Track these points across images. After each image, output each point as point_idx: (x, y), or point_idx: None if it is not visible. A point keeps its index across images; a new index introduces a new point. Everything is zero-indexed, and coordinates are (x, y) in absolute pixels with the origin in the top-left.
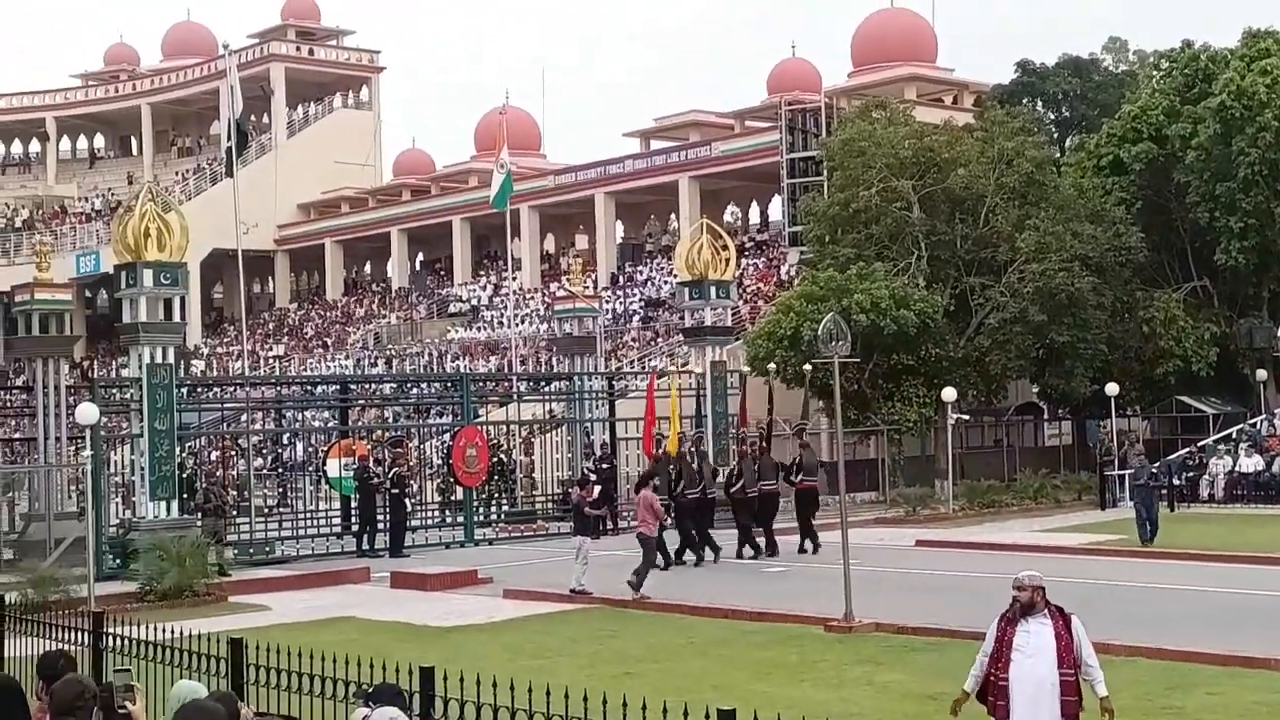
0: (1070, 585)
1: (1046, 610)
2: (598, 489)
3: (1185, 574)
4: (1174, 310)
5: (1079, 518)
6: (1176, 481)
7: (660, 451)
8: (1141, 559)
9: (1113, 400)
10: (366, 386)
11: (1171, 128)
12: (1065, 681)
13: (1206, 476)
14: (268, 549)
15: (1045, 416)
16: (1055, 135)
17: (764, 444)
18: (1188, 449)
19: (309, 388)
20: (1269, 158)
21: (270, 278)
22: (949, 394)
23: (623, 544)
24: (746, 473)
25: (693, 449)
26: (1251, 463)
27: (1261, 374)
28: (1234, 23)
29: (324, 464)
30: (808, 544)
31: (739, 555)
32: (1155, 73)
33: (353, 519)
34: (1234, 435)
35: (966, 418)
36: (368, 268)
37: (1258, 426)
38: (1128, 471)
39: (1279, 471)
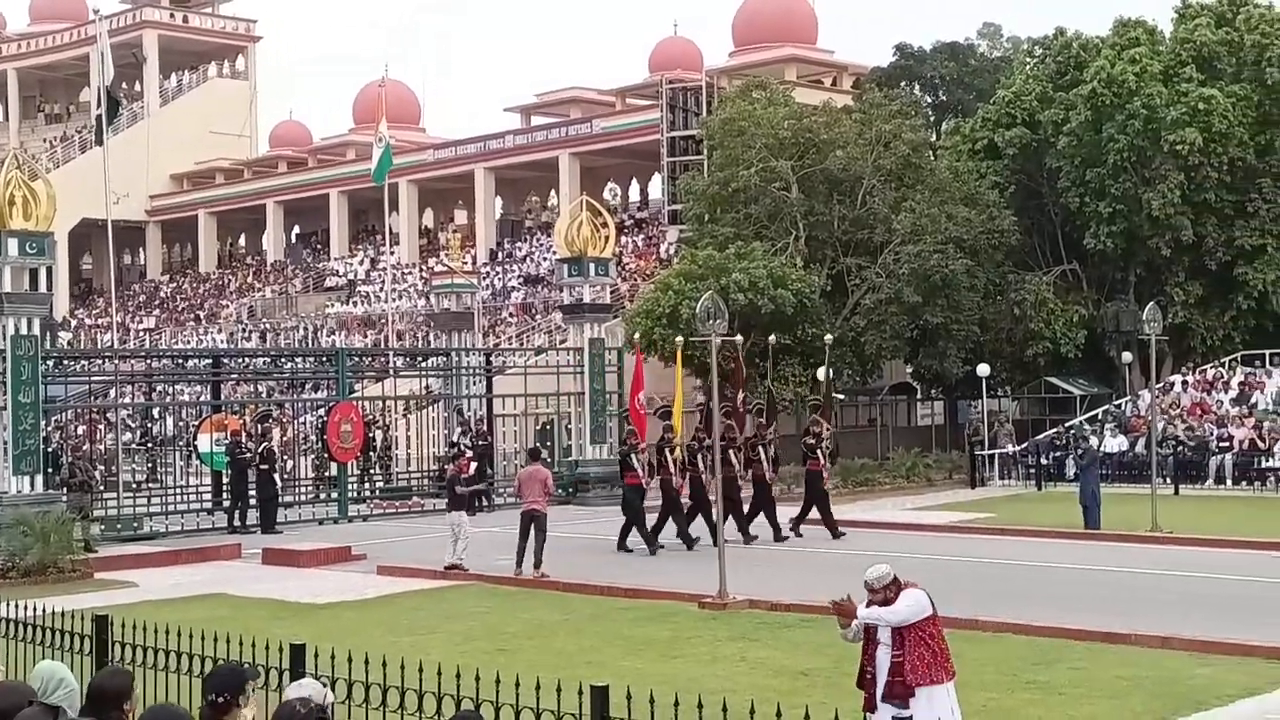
0: (939, 562)
1: (896, 599)
2: (473, 465)
3: (1051, 551)
4: (1044, 293)
5: (949, 496)
6: (1044, 461)
7: (666, 431)
8: (1011, 536)
9: (984, 381)
10: (240, 360)
11: (1044, 114)
12: (894, 662)
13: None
14: (136, 525)
15: (918, 396)
16: (931, 119)
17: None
18: (1056, 429)
19: (180, 361)
20: (1137, 145)
21: (142, 249)
22: (823, 373)
23: (498, 520)
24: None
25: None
26: (1116, 443)
27: (1127, 356)
28: (1105, 11)
29: (195, 439)
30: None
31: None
32: (1029, 59)
33: (224, 494)
34: (1100, 416)
35: (841, 397)
36: (242, 240)
37: (1123, 408)
38: (999, 450)
39: (1142, 452)
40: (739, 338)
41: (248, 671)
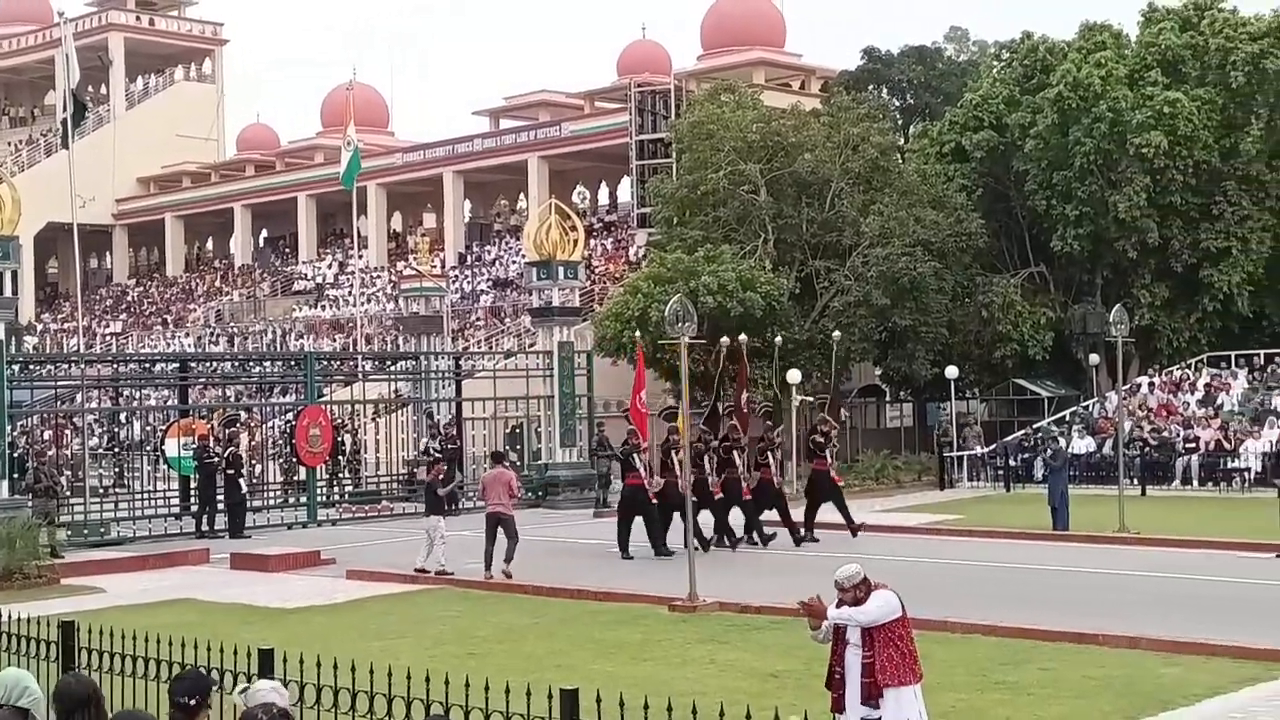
0: (908, 564)
1: (866, 599)
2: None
3: (1020, 552)
4: (1012, 295)
5: (918, 498)
6: (1013, 462)
7: (671, 433)
8: (979, 538)
9: (952, 383)
10: (207, 365)
11: (1011, 117)
12: (865, 664)
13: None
14: (103, 530)
15: (887, 398)
16: (899, 122)
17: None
18: (1024, 431)
19: (147, 365)
20: (1103, 148)
21: (108, 253)
22: (794, 376)
23: (466, 524)
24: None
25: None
26: (1084, 444)
27: (1094, 358)
28: (1071, 15)
29: (162, 443)
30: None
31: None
32: (996, 63)
33: (192, 499)
34: (1068, 418)
35: (810, 399)
36: (210, 244)
37: (1090, 409)
38: (968, 452)
39: (1110, 453)
40: (743, 338)
41: (210, 679)
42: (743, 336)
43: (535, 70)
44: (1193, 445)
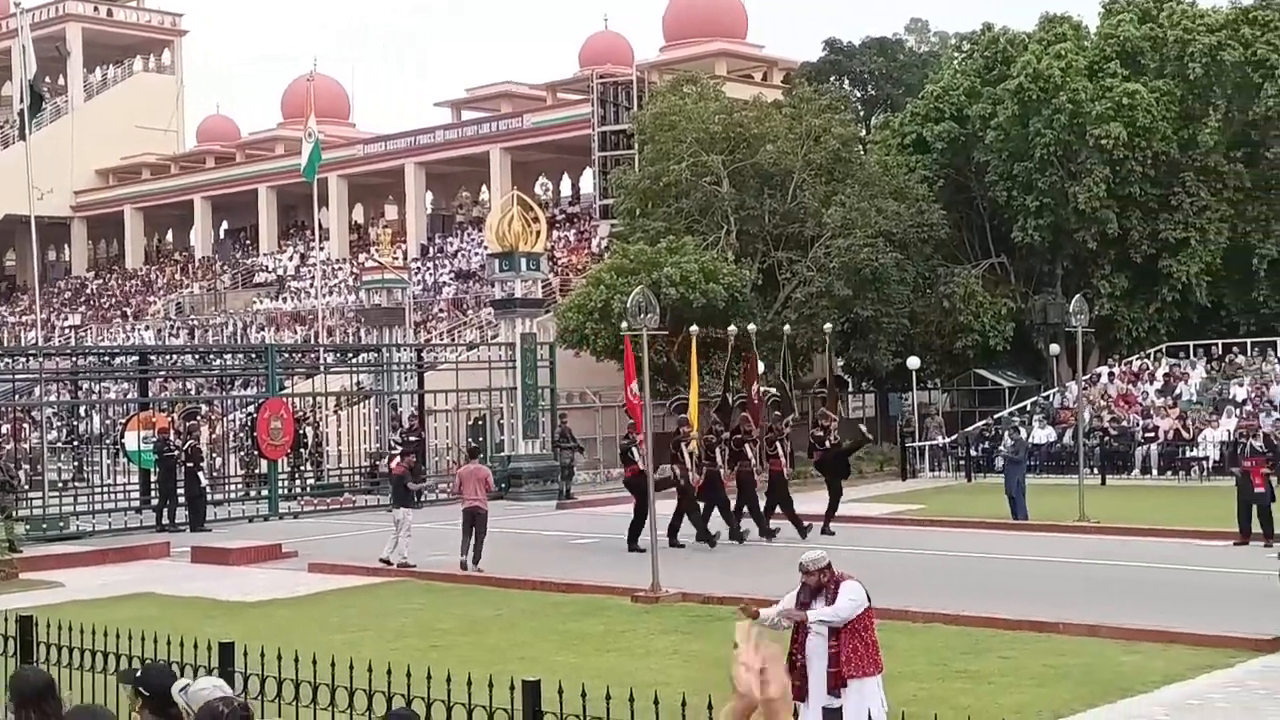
0: (871, 554)
1: (829, 587)
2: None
3: (981, 542)
4: (973, 286)
5: (881, 488)
6: (974, 452)
7: (682, 425)
8: (941, 528)
9: (914, 374)
10: (167, 358)
11: (972, 108)
12: (831, 653)
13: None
14: (62, 524)
15: (850, 389)
16: (861, 113)
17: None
18: (985, 421)
19: (107, 358)
20: (1063, 139)
21: (67, 245)
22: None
23: (429, 516)
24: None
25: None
26: (1044, 434)
27: (1055, 348)
28: (1031, 7)
29: (122, 437)
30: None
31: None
32: (957, 54)
33: (152, 493)
34: (1028, 407)
35: (773, 390)
36: (170, 236)
37: (1051, 399)
38: (929, 442)
39: (1070, 442)
40: (752, 327)
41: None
42: (752, 326)
43: (497, 63)
44: (1152, 435)
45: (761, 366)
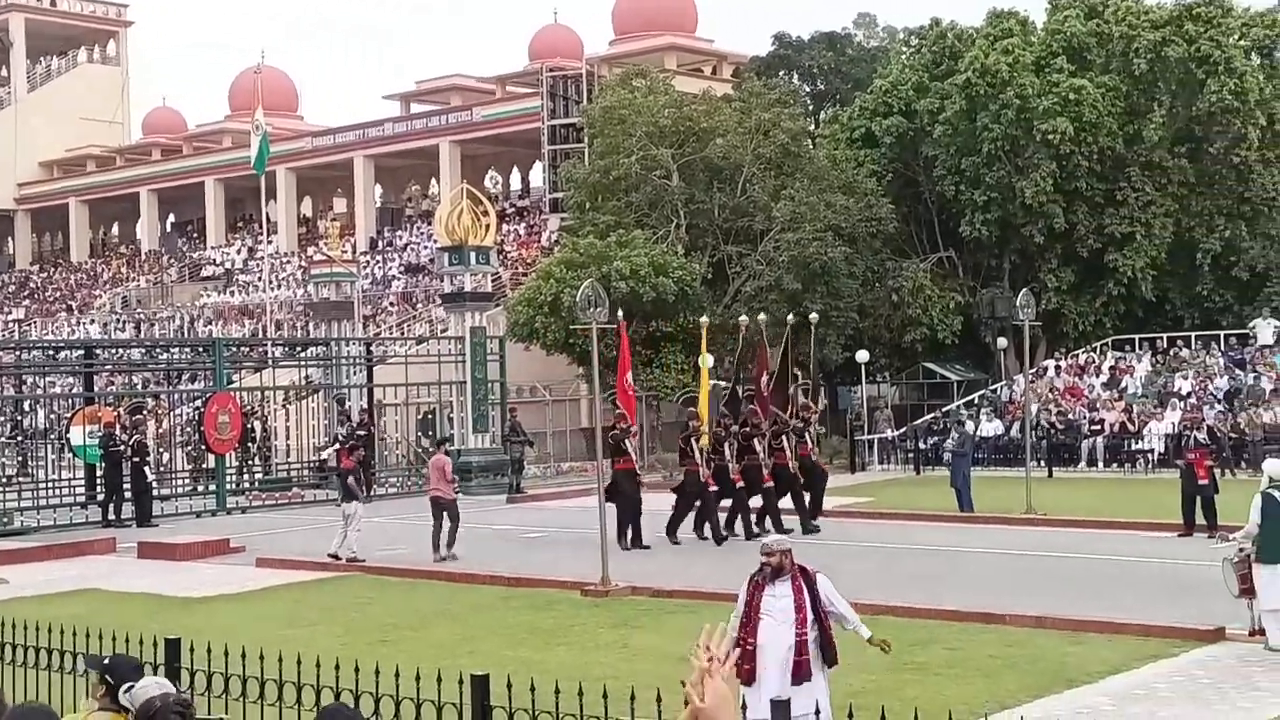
0: (820, 546)
1: (792, 573)
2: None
3: (929, 534)
4: (921, 280)
5: (830, 481)
6: (922, 446)
7: (691, 419)
8: (889, 520)
9: (863, 367)
10: (113, 351)
11: (920, 103)
12: (799, 642)
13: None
14: (6, 520)
15: (799, 383)
16: (810, 108)
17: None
18: (933, 414)
19: (51, 352)
20: (1010, 134)
21: (10, 238)
22: (706, 360)
23: (378, 510)
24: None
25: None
26: (992, 427)
27: (1002, 342)
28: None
29: (67, 431)
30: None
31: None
32: (905, 49)
33: (98, 488)
34: (976, 401)
35: (723, 384)
36: (115, 229)
37: (998, 392)
38: (878, 436)
39: (1017, 435)
40: (763, 317)
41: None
42: (762, 316)
43: (447, 55)
44: (1098, 427)
45: (711, 360)
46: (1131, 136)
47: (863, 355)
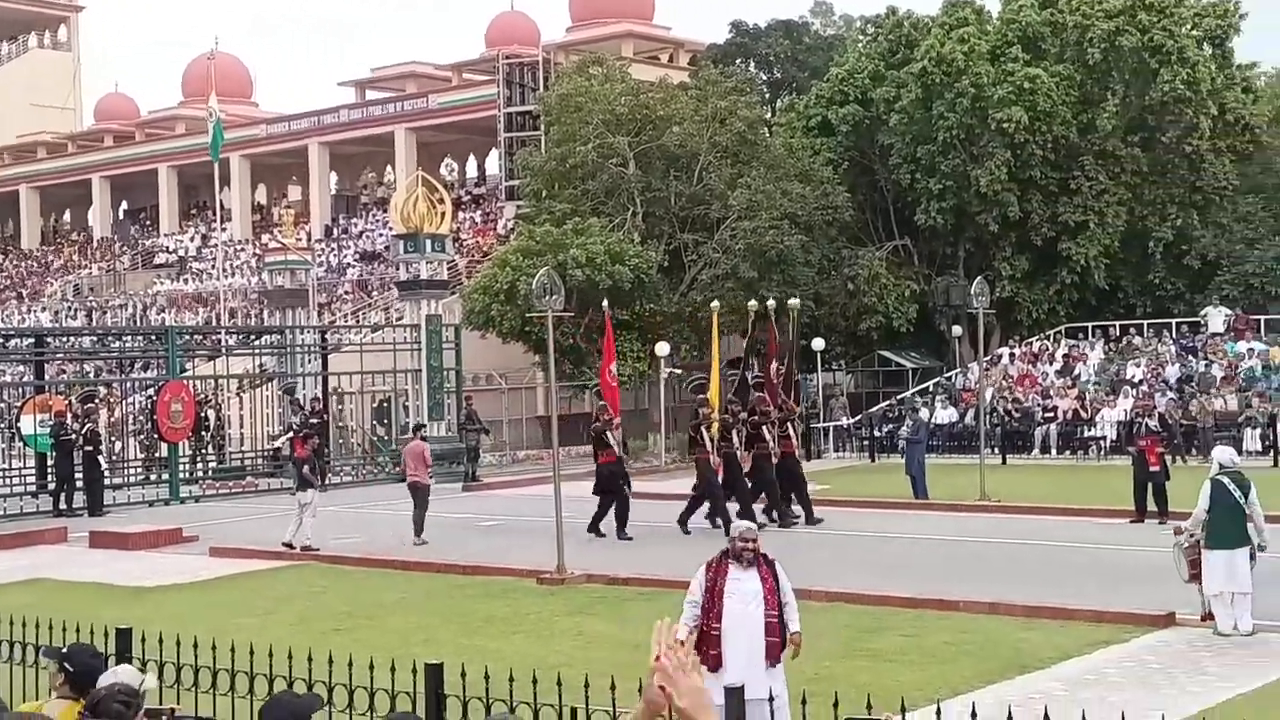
0: (773, 534)
1: (758, 559)
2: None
3: (883, 521)
4: (877, 268)
5: None
6: (878, 433)
7: (702, 405)
8: (844, 508)
9: (819, 355)
10: (64, 340)
11: (876, 91)
12: (770, 624)
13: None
14: None
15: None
16: (767, 96)
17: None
18: (889, 402)
19: (1, 340)
20: (965, 123)
21: None
22: (662, 348)
23: (332, 500)
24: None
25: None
26: (947, 414)
27: (957, 330)
28: None
29: (17, 420)
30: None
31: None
32: (861, 37)
33: (49, 477)
34: (931, 388)
35: (679, 372)
36: (67, 216)
37: (953, 380)
38: (834, 423)
39: (972, 423)
40: (795, 302)
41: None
42: (771, 301)
43: (402, 42)
44: (1051, 415)
45: (667, 348)
46: (1085, 126)
47: (818, 343)
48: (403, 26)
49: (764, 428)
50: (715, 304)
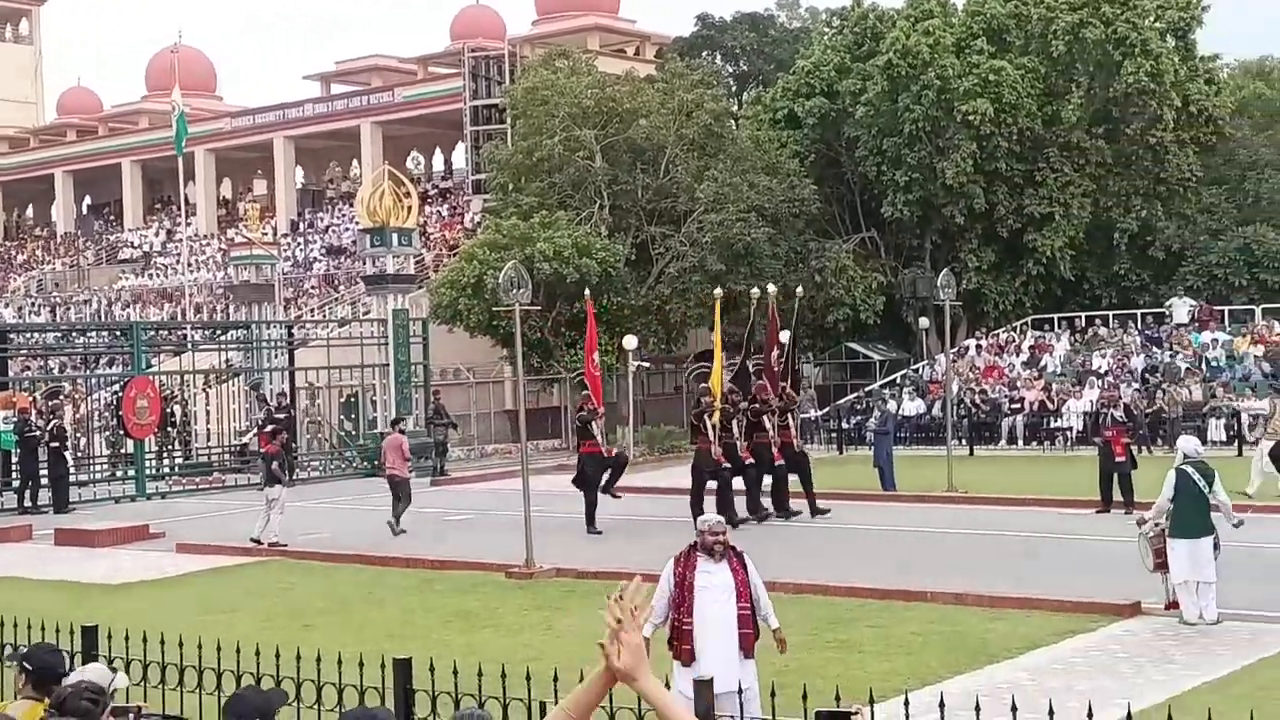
0: (742, 528)
1: (728, 552)
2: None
3: (851, 513)
4: (844, 260)
5: None
6: (845, 425)
7: (704, 394)
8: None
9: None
10: (28, 336)
11: (842, 84)
12: (743, 616)
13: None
14: None
15: (725, 364)
16: (733, 89)
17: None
18: (856, 394)
19: None
20: (931, 115)
21: None
22: (630, 342)
23: (299, 495)
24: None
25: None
26: (914, 406)
27: (924, 322)
28: None
29: None
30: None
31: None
32: (827, 30)
33: (13, 474)
34: (898, 380)
35: (647, 365)
36: (30, 211)
37: (920, 372)
38: (801, 416)
39: (939, 414)
40: (772, 289)
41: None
42: (771, 287)
43: (367, 35)
44: (1018, 406)
45: (634, 341)
46: (1050, 117)
47: (785, 335)
48: (368, 20)
49: (764, 417)
50: (718, 291)
